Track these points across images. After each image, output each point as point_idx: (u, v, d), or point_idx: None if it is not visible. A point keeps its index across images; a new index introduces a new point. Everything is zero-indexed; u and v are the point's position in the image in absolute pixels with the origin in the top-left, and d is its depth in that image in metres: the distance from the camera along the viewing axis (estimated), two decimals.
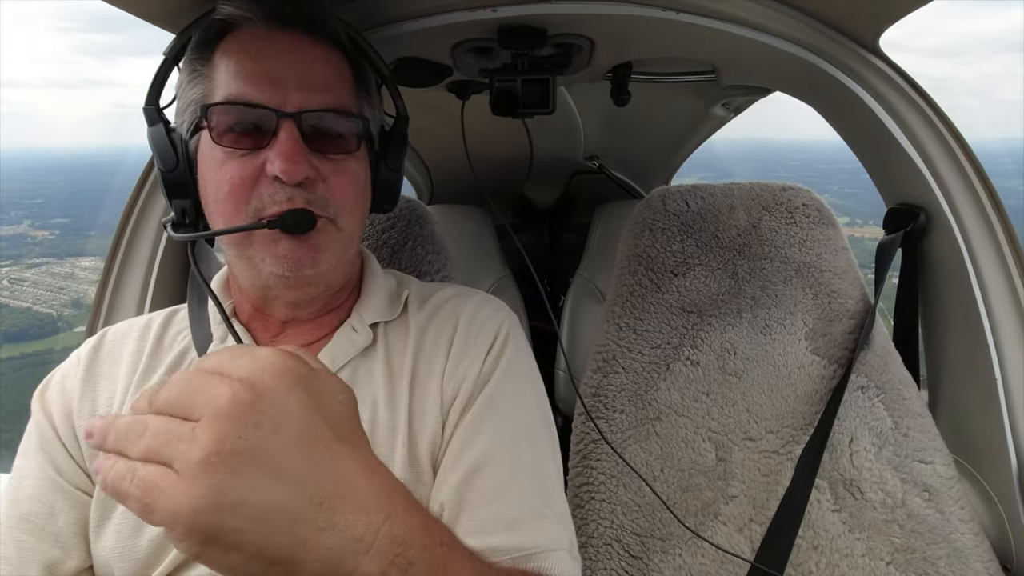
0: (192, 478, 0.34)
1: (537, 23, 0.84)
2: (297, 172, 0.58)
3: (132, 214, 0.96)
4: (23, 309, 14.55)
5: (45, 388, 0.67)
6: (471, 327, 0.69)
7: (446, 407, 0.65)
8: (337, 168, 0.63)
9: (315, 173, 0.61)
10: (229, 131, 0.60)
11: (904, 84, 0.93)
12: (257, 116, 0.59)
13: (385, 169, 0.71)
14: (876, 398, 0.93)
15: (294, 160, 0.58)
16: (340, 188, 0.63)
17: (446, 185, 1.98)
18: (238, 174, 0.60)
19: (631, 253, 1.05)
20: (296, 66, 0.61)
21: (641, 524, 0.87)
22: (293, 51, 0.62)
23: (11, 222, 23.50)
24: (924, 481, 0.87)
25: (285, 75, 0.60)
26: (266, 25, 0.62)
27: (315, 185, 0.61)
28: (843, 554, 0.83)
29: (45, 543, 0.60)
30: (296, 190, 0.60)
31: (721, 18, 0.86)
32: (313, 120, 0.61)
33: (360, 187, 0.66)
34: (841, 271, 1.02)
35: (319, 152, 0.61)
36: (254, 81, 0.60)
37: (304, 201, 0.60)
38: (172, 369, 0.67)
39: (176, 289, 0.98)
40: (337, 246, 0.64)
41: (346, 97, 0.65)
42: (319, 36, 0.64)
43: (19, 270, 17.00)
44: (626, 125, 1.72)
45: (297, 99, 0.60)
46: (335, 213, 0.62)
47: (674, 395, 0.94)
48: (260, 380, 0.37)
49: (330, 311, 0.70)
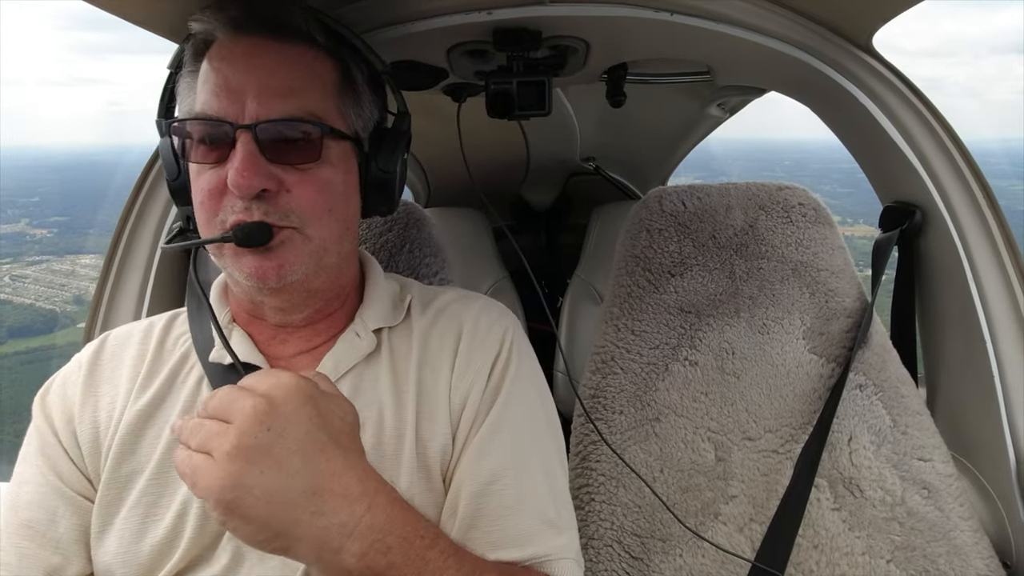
0: (221, 464, 0.45)
1: (532, 25, 0.84)
2: (248, 186, 0.57)
3: (130, 217, 0.96)
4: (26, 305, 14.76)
5: (46, 393, 0.67)
6: (475, 333, 0.69)
7: (455, 417, 0.65)
8: (304, 177, 0.60)
9: (276, 184, 0.59)
10: (199, 145, 0.60)
11: (898, 83, 0.94)
12: (215, 129, 0.59)
13: (376, 171, 0.68)
14: (874, 396, 0.93)
15: (244, 173, 0.57)
16: (306, 197, 0.60)
17: (443, 188, 1.98)
18: (206, 187, 0.60)
19: (628, 254, 1.05)
20: (256, 73, 0.59)
21: (641, 525, 0.87)
22: (254, 57, 0.60)
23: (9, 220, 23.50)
24: (923, 479, 0.87)
25: (244, 85, 0.59)
26: (231, 34, 0.61)
27: (277, 196, 0.59)
28: (843, 552, 0.83)
29: (46, 549, 0.60)
30: (254, 202, 0.58)
31: (715, 19, 0.86)
32: (270, 130, 0.59)
33: (335, 194, 0.63)
34: (838, 270, 1.02)
35: (281, 162, 0.59)
36: (216, 93, 0.59)
37: (262, 213, 0.59)
38: (175, 373, 0.67)
39: (175, 292, 0.98)
40: (306, 256, 0.62)
41: (316, 100, 0.61)
42: (286, 37, 0.61)
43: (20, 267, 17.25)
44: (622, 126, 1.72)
45: (254, 109, 0.58)
46: (300, 222, 0.61)
47: (673, 395, 0.94)
48: (276, 395, 0.48)
49: (325, 317, 0.69)
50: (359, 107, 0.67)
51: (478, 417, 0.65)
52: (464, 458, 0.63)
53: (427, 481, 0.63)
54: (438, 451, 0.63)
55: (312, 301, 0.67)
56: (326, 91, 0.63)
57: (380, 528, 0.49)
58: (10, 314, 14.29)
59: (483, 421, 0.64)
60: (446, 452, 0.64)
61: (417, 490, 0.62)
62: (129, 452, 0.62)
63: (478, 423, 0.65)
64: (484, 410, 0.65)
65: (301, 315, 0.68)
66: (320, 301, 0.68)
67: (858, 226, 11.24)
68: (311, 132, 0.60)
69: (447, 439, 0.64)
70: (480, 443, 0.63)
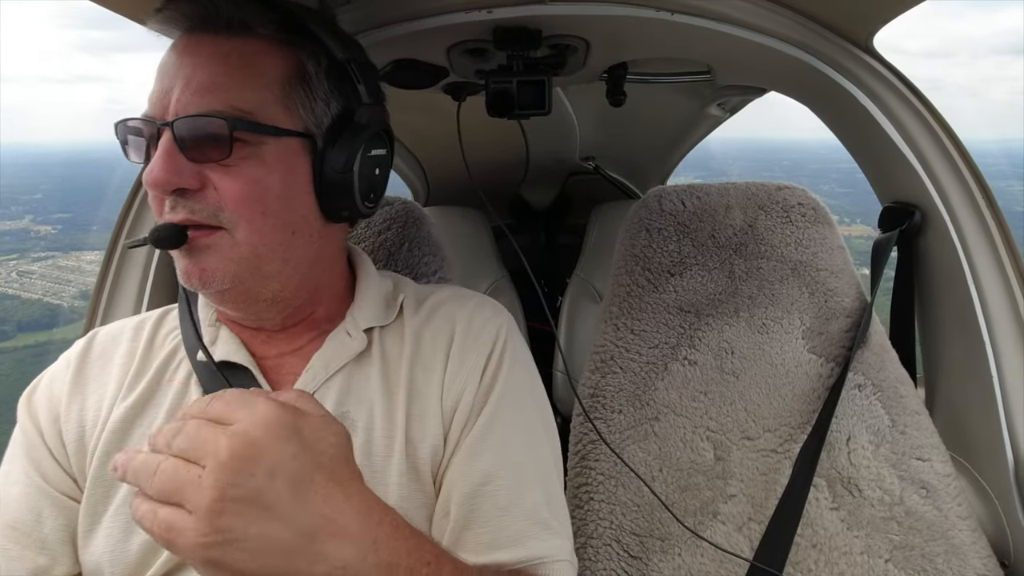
0: (202, 520, 0.40)
1: (532, 24, 0.84)
2: (162, 181, 0.55)
3: (129, 215, 0.96)
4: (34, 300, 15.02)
5: (32, 392, 0.66)
6: (468, 332, 0.68)
7: (447, 418, 0.64)
8: (228, 174, 0.57)
9: (198, 182, 0.57)
10: (135, 145, 0.60)
11: (898, 83, 0.94)
12: (144, 128, 0.59)
13: (328, 170, 0.61)
14: (873, 396, 0.93)
15: (157, 170, 0.55)
16: (232, 195, 0.57)
17: (442, 186, 1.98)
18: (147, 186, 0.59)
19: (628, 253, 1.05)
20: (184, 69, 0.58)
21: (640, 524, 0.87)
22: (186, 56, 0.58)
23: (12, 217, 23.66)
24: (921, 478, 0.88)
25: (172, 82, 0.58)
26: (173, 33, 0.60)
27: (203, 193, 0.57)
28: (842, 552, 0.83)
29: (31, 550, 0.59)
30: (179, 201, 0.57)
31: (716, 18, 0.86)
32: (187, 126, 0.56)
33: (268, 195, 0.58)
34: (837, 269, 1.03)
35: (203, 160, 0.57)
36: (152, 92, 0.59)
37: (187, 211, 0.57)
38: (162, 370, 0.66)
39: (173, 290, 0.98)
40: (233, 262, 0.58)
41: (246, 94, 0.57)
42: (221, 31, 0.59)
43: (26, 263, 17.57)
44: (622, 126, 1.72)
45: (176, 106, 0.57)
46: (230, 222, 0.57)
47: (672, 395, 0.94)
48: (255, 434, 0.42)
49: (300, 321, 0.67)
50: (311, 100, 0.61)
51: (470, 418, 0.64)
52: (456, 459, 0.62)
53: (417, 483, 0.62)
54: (428, 453, 0.62)
55: (274, 308, 0.65)
56: (262, 84, 0.59)
57: (386, 564, 0.46)
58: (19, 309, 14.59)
59: (475, 421, 0.63)
60: (436, 454, 0.63)
61: (407, 492, 0.61)
62: (117, 450, 0.61)
63: (470, 423, 0.64)
64: (477, 410, 0.64)
65: (271, 320, 0.66)
66: (287, 308, 0.65)
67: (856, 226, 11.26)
68: (219, 127, 0.56)
69: (438, 440, 0.63)
70: (473, 443, 0.62)
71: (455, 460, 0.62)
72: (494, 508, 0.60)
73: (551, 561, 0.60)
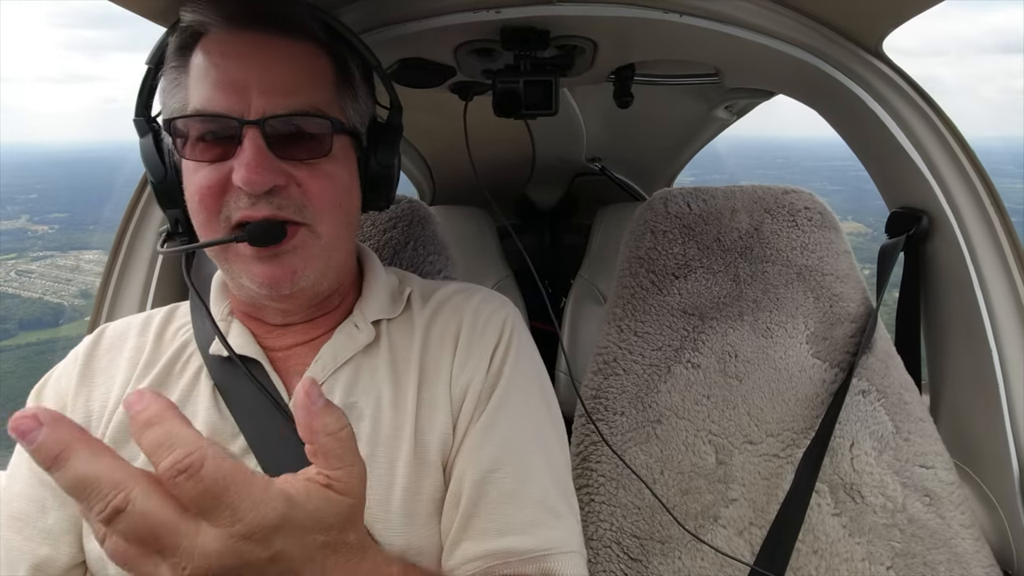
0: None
1: (540, 25, 0.84)
2: (260, 182, 0.56)
3: (134, 215, 0.96)
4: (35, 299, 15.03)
5: (42, 387, 0.67)
6: (475, 324, 0.69)
7: (456, 407, 0.65)
8: (312, 171, 0.60)
9: (286, 179, 0.59)
10: (198, 142, 0.59)
11: (907, 88, 0.93)
12: (220, 126, 0.58)
13: (375, 165, 0.68)
14: (877, 402, 0.92)
15: (256, 170, 0.56)
16: (316, 192, 0.60)
17: (448, 186, 1.99)
18: (206, 184, 0.59)
19: (632, 255, 1.05)
20: (259, 69, 0.59)
21: (641, 526, 0.87)
22: (256, 53, 0.59)
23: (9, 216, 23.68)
24: (925, 486, 0.87)
25: (247, 80, 0.58)
26: (228, 28, 0.59)
27: (287, 190, 0.59)
28: (843, 558, 0.83)
29: (33, 541, 0.60)
30: (262, 198, 0.58)
31: (724, 21, 0.86)
32: (279, 125, 0.58)
33: (341, 189, 0.64)
34: (843, 274, 1.02)
35: (290, 158, 0.59)
36: (218, 89, 0.58)
37: (272, 208, 0.58)
38: (172, 362, 0.67)
39: (178, 287, 0.98)
40: (317, 256, 0.62)
41: (318, 95, 0.61)
42: (285, 33, 0.61)
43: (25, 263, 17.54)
44: (628, 127, 1.72)
45: (260, 105, 0.58)
46: (312, 218, 0.60)
47: (675, 397, 0.94)
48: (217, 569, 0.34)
49: (326, 313, 0.70)
50: (356, 102, 0.66)
51: (478, 406, 0.65)
52: (465, 447, 0.63)
53: (424, 470, 0.62)
54: (438, 441, 0.63)
55: (315, 301, 0.68)
56: (326, 86, 0.63)
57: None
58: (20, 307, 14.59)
59: (483, 410, 0.65)
60: (446, 442, 0.64)
61: (414, 479, 0.62)
62: (123, 440, 0.62)
63: (478, 412, 0.65)
64: (484, 399, 0.65)
65: (302, 315, 0.68)
66: (322, 300, 0.69)
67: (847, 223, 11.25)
68: (319, 126, 0.60)
69: (447, 428, 0.64)
70: (480, 431, 0.63)
71: (464, 448, 0.63)
72: (502, 495, 0.61)
73: (559, 552, 0.60)
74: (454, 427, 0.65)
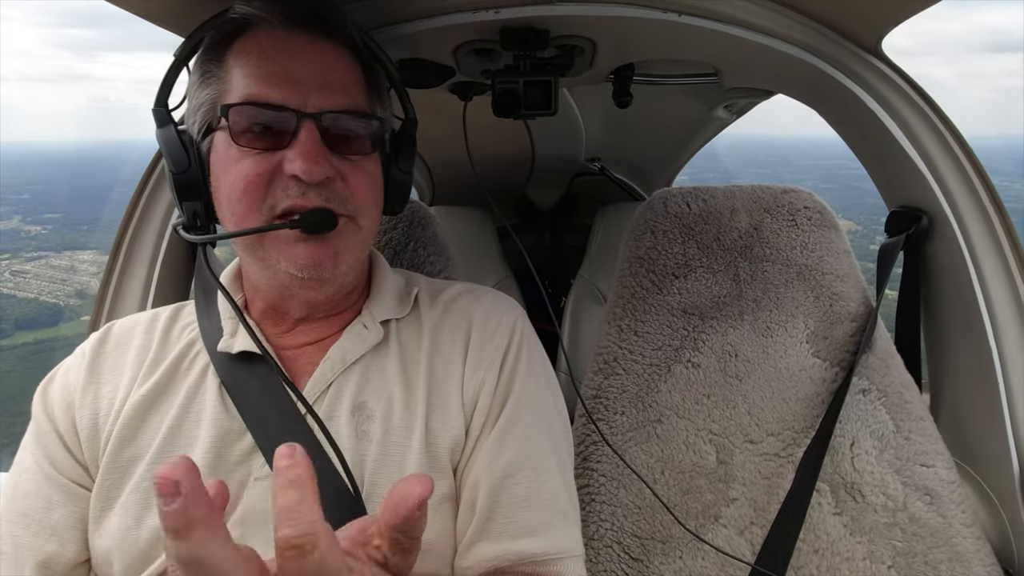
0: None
1: (539, 25, 0.84)
2: (318, 172, 0.59)
3: (135, 213, 0.96)
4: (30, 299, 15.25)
5: (49, 383, 0.67)
6: (486, 327, 0.70)
7: (468, 410, 0.66)
8: (355, 168, 0.63)
9: (334, 173, 0.61)
10: (248, 131, 0.60)
11: (907, 87, 0.93)
12: (276, 116, 0.60)
13: (396, 171, 0.71)
14: (878, 401, 0.92)
15: (315, 160, 0.59)
16: (359, 187, 0.63)
17: (448, 186, 1.99)
18: (254, 171, 0.60)
19: (632, 255, 1.05)
20: (315, 67, 0.62)
21: (642, 526, 0.87)
22: (311, 52, 0.62)
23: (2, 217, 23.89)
24: (925, 485, 0.87)
25: (305, 75, 0.61)
26: (284, 26, 0.62)
27: (334, 184, 0.61)
28: (844, 557, 0.83)
29: (40, 537, 0.60)
30: (312, 188, 0.60)
31: (723, 20, 0.86)
32: (333, 120, 0.61)
33: (377, 188, 0.67)
34: (843, 274, 1.02)
35: (338, 152, 0.62)
36: (274, 81, 0.60)
37: (322, 199, 0.60)
38: (179, 361, 0.67)
39: (179, 286, 0.98)
40: (356, 246, 0.65)
41: (361, 99, 0.65)
42: (334, 38, 0.64)
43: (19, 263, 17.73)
44: (628, 127, 1.72)
45: (317, 100, 0.60)
46: (355, 211, 0.63)
47: (675, 397, 0.94)
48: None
49: (343, 310, 0.71)
50: (384, 110, 0.70)
51: (491, 411, 0.66)
52: (480, 453, 0.64)
53: (435, 471, 0.63)
54: (449, 444, 0.64)
55: (339, 294, 0.69)
56: (364, 91, 0.67)
57: None
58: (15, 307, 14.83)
59: (497, 415, 0.65)
60: (457, 445, 0.65)
61: None
62: (131, 438, 0.62)
63: (492, 417, 0.65)
64: (498, 404, 0.66)
65: (325, 308, 0.69)
66: (343, 295, 0.70)
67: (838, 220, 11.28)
68: (366, 126, 0.64)
69: (459, 431, 0.65)
70: (496, 438, 0.64)
71: (479, 455, 0.64)
72: (518, 499, 0.62)
73: (568, 556, 0.62)
74: (466, 432, 0.65)
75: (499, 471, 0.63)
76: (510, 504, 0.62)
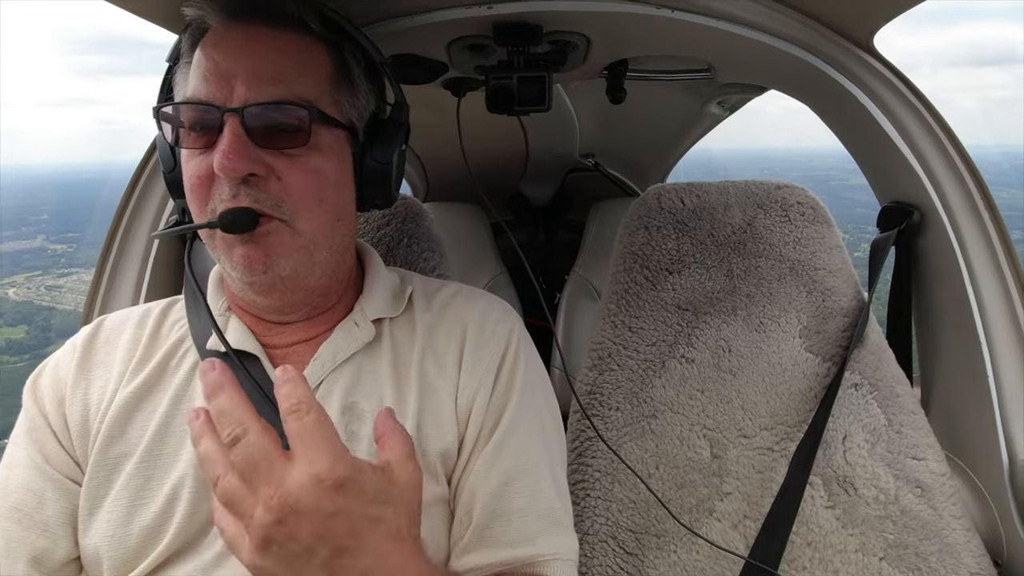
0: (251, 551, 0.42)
1: (533, 20, 0.84)
2: (234, 168, 0.56)
3: (126, 210, 0.96)
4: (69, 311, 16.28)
5: (38, 376, 0.67)
6: (482, 332, 0.69)
7: (462, 418, 0.65)
8: (294, 164, 0.59)
9: (265, 169, 0.58)
10: (189, 131, 0.60)
11: (898, 83, 0.94)
12: (203, 114, 0.58)
13: (370, 161, 0.67)
14: (870, 395, 0.93)
15: (229, 156, 0.56)
16: (296, 186, 0.59)
17: (442, 182, 1.98)
18: (195, 173, 0.60)
19: (626, 251, 1.05)
20: (247, 59, 0.59)
21: (636, 521, 0.87)
22: (247, 45, 0.60)
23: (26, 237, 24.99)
24: (917, 478, 0.88)
25: (234, 70, 0.58)
26: (223, 21, 0.61)
27: (266, 183, 0.58)
28: (837, 550, 0.84)
29: (32, 532, 0.60)
30: (242, 187, 0.58)
31: (716, 16, 0.86)
32: (258, 113, 0.57)
33: (325, 183, 0.62)
34: (835, 269, 1.03)
35: (270, 147, 0.59)
36: (206, 79, 0.59)
37: (251, 199, 0.58)
38: (168, 357, 0.67)
39: (171, 281, 0.98)
40: (295, 251, 0.61)
41: (308, 87, 0.61)
42: (279, 25, 0.61)
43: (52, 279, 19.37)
44: (622, 123, 1.72)
45: (242, 93, 0.58)
46: (290, 214, 0.59)
47: (669, 392, 0.94)
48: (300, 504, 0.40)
49: (322, 312, 0.69)
50: (354, 96, 0.66)
51: (486, 422, 0.65)
52: (477, 464, 0.64)
53: (425, 474, 0.62)
54: (440, 453, 0.64)
55: (309, 299, 0.67)
56: (318, 78, 0.62)
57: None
58: (56, 318, 16.25)
59: (493, 427, 0.65)
60: (449, 453, 0.64)
61: None
62: (119, 434, 0.62)
63: (487, 429, 0.65)
64: (493, 415, 0.65)
65: (297, 314, 0.68)
66: (317, 298, 0.68)
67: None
68: (300, 116, 0.59)
69: (452, 439, 0.64)
70: (492, 450, 0.64)
71: (475, 465, 0.64)
72: (513, 508, 0.62)
73: (554, 559, 0.62)
74: (460, 441, 0.65)
75: (495, 482, 0.63)
76: (507, 515, 0.62)
